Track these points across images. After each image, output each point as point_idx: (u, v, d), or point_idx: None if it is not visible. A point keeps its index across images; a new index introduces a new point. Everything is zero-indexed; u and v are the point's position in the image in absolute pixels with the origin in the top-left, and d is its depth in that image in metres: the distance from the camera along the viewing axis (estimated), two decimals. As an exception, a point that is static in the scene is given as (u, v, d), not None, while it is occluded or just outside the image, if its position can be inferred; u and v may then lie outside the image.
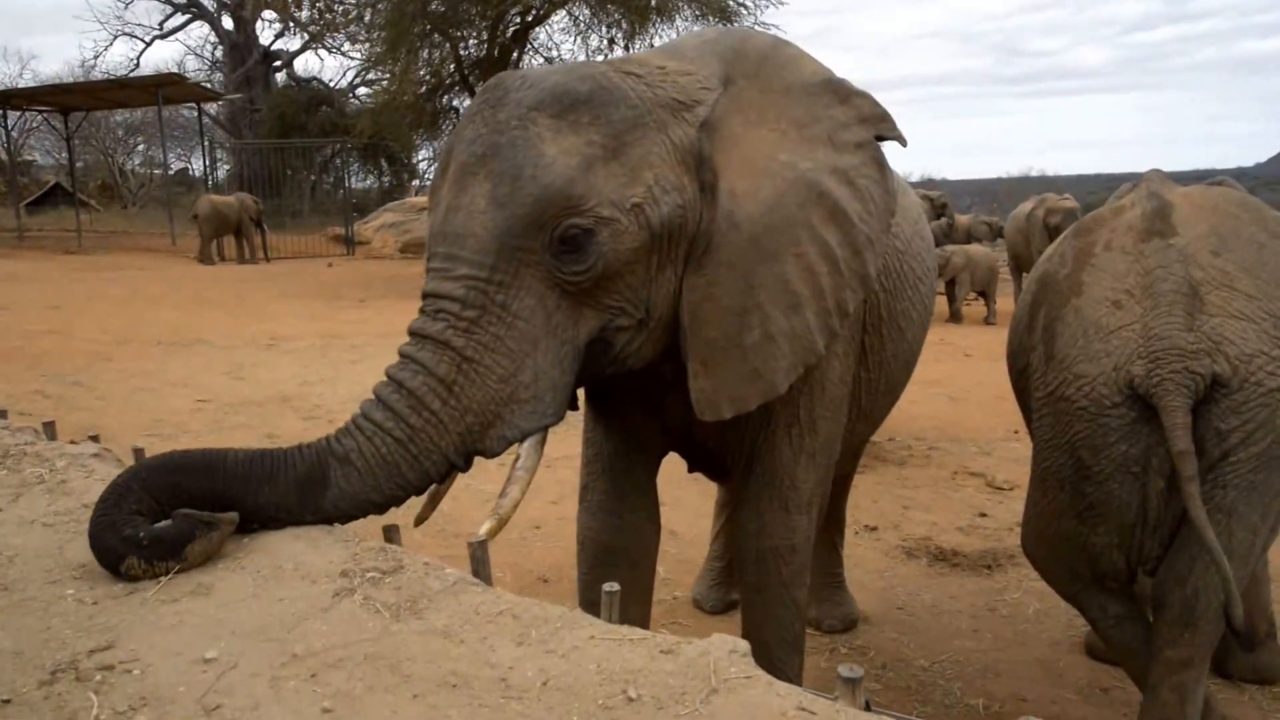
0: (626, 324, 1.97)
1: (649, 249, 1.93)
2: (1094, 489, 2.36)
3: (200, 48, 31.14)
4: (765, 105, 2.12)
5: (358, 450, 1.75)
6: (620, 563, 2.55)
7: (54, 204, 27.88)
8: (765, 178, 2.06)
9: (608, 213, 1.85)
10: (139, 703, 1.23)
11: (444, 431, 1.78)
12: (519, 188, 1.81)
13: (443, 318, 1.81)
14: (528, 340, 1.83)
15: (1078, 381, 2.33)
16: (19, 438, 2.34)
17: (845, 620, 3.66)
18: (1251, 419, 2.17)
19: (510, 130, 1.85)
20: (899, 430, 6.50)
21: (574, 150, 1.85)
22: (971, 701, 3.14)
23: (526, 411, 1.84)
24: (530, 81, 1.92)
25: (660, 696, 1.25)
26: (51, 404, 6.36)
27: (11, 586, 1.56)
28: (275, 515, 1.71)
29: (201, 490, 1.65)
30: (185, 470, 1.66)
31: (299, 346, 9.12)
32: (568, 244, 1.83)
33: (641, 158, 1.91)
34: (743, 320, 2.04)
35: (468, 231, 1.83)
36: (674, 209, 1.94)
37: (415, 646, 1.37)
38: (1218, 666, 3.14)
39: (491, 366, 1.81)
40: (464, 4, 15.02)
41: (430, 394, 1.77)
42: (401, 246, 20.35)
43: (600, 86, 1.92)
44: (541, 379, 1.85)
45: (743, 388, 2.08)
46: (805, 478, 2.45)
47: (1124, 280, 2.33)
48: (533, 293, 1.84)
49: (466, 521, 4.44)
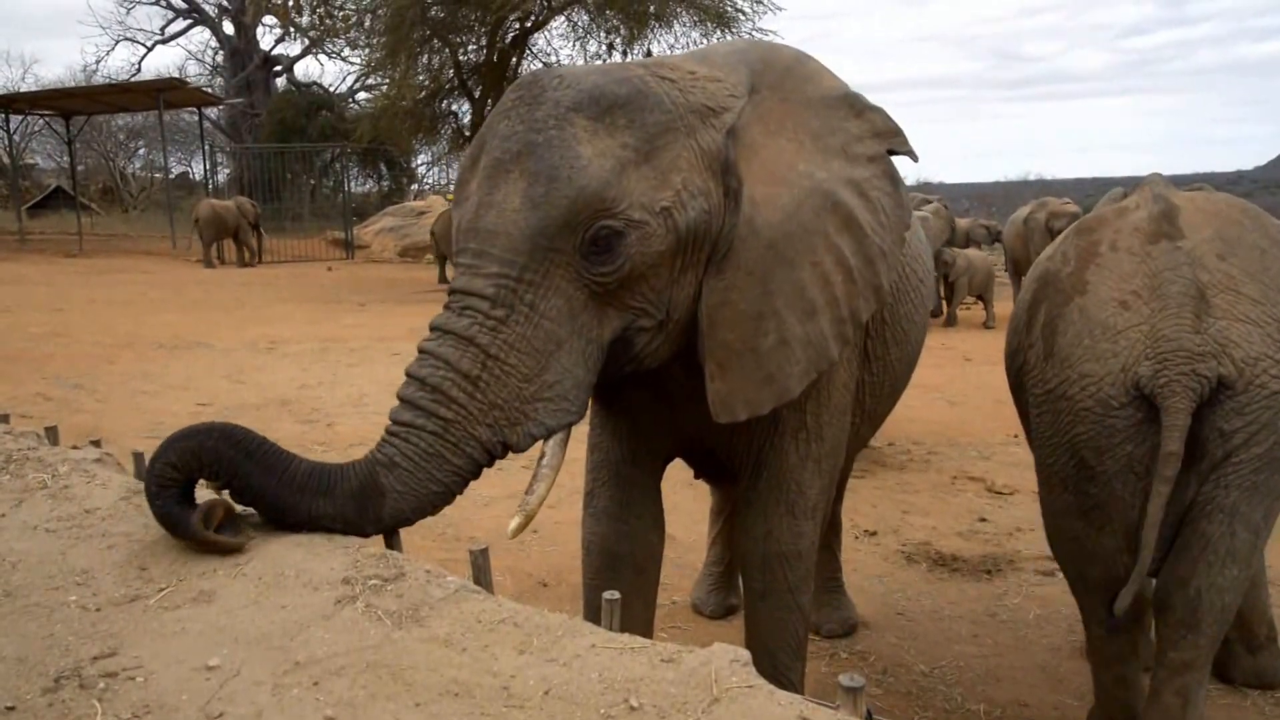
0: (648, 325, 1.99)
1: (674, 252, 1.95)
2: (1098, 489, 2.37)
3: (201, 53, 31.18)
4: (785, 115, 2.15)
5: (399, 453, 1.76)
6: (626, 569, 2.56)
7: (55, 207, 27.85)
8: (783, 186, 2.09)
9: (638, 215, 1.87)
10: (142, 710, 1.24)
11: (475, 422, 1.79)
12: (555, 188, 1.82)
13: (469, 314, 1.81)
14: (553, 340, 1.84)
15: (1082, 380, 2.33)
16: (22, 443, 2.34)
17: (845, 625, 3.66)
18: (1255, 420, 2.19)
19: (548, 129, 1.85)
20: (898, 435, 6.50)
21: (609, 153, 1.86)
22: (972, 707, 3.14)
23: (552, 409, 1.85)
24: (568, 81, 1.93)
25: (662, 706, 1.25)
26: (53, 407, 6.36)
27: (14, 592, 1.56)
28: (331, 527, 1.72)
29: (252, 482, 1.65)
30: (249, 457, 1.65)
31: (298, 350, 9.12)
32: (599, 245, 1.85)
33: (671, 162, 1.93)
34: (759, 325, 2.07)
35: (500, 229, 1.83)
36: (700, 213, 1.96)
37: (417, 654, 1.37)
38: (1219, 671, 3.14)
39: (516, 365, 1.81)
40: (463, 10, 15.06)
41: (454, 388, 1.78)
42: (401, 250, 20.37)
43: (637, 90, 1.93)
44: (566, 378, 1.86)
45: (757, 391, 2.10)
46: (812, 483, 2.46)
47: (1131, 281, 2.34)
48: (561, 293, 1.85)
49: (467, 526, 4.44)
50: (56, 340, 9.03)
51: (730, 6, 15.50)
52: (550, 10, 15.77)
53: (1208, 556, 2.26)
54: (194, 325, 10.33)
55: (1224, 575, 2.28)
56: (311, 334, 10.10)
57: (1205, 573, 2.28)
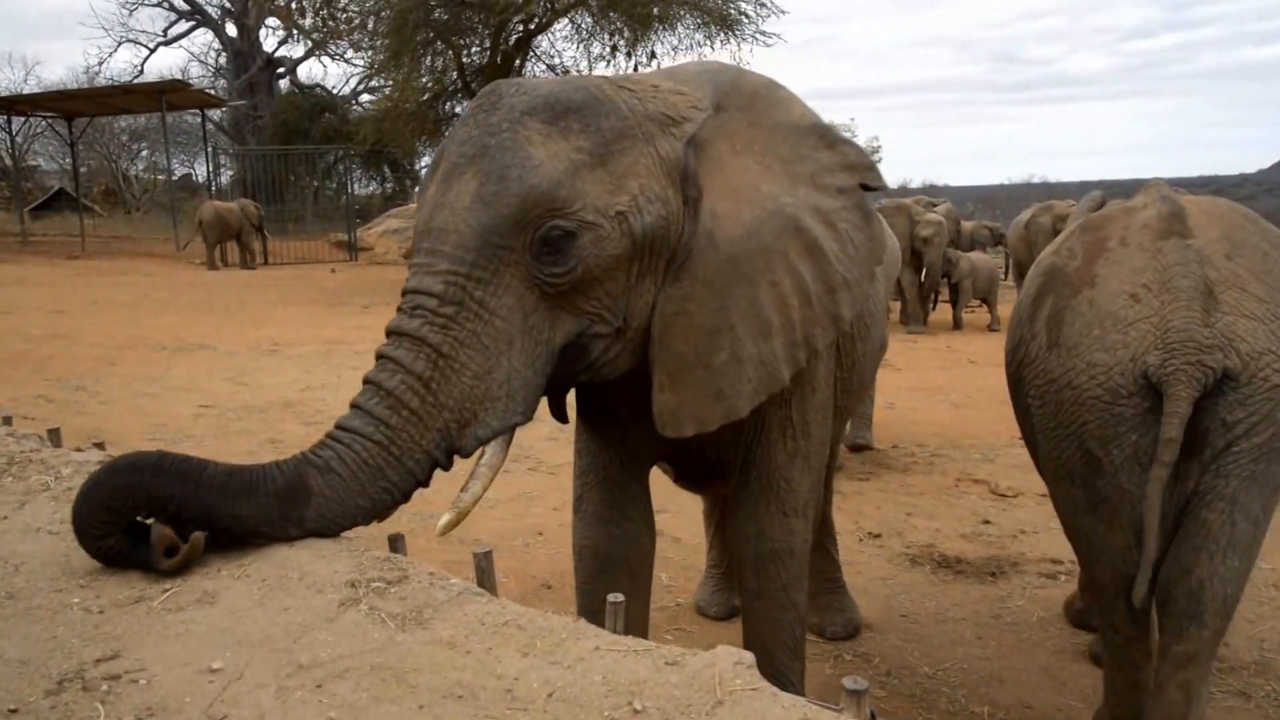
0: (604, 331, 1.98)
1: (630, 257, 1.95)
2: (1104, 482, 2.41)
3: (204, 54, 31.28)
4: (753, 138, 2.15)
5: (337, 458, 1.73)
6: (619, 571, 2.56)
7: (58, 209, 27.91)
8: (746, 204, 2.09)
9: (591, 217, 1.87)
10: (145, 713, 1.23)
11: (424, 429, 1.77)
12: (505, 186, 1.83)
13: (419, 314, 1.81)
14: (503, 339, 1.84)
15: (1091, 370, 2.39)
16: (24, 445, 2.34)
17: (848, 626, 3.66)
18: (1256, 412, 2.26)
19: (501, 132, 1.88)
20: (902, 437, 6.50)
21: (561, 155, 1.88)
22: (976, 709, 3.13)
23: (499, 410, 1.85)
24: (525, 89, 1.96)
25: (666, 708, 1.25)
26: (55, 408, 6.37)
27: (17, 594, 1.56)
28: (255, 529, 1.67)
29: (173, 496, 1.60)
30: (161, 473, 1.61)
31: (302, 352, 9.13)
32: (549, 245, 1.85)
33: (628, 167, 1.94)
34: (714, 339, 2.06)
35: (451, 228, 1.85)
36: (657, 219, 1.96)
37: (421, 657, 1.37)
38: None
39: (466, 363, 1.81)
40: (467, 12, 15.08)
41: (408, 391, 1.77)
42: (405, 252, 20.35)
43: (592, 97, 1.95)
44: (515, 378, 1.86)
45: (706, 408, 2.09)
46: (800, 480, 2.47)
47: (1142, 275, 2.40)
48: (512, 292, 1.85)
49: (471, 527, 4.44)
50: (58, 342, 9.04)
51: (734, 9, 15.52)
52: (554, 12, 15.78)
53: (1209, 546, 2.30)
54: (196, 327, 10.34)
55: (1225, 565, 2.31)
56: (315, 336, 10.11)
57: (1207, 562, 2.30)
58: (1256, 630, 3.63)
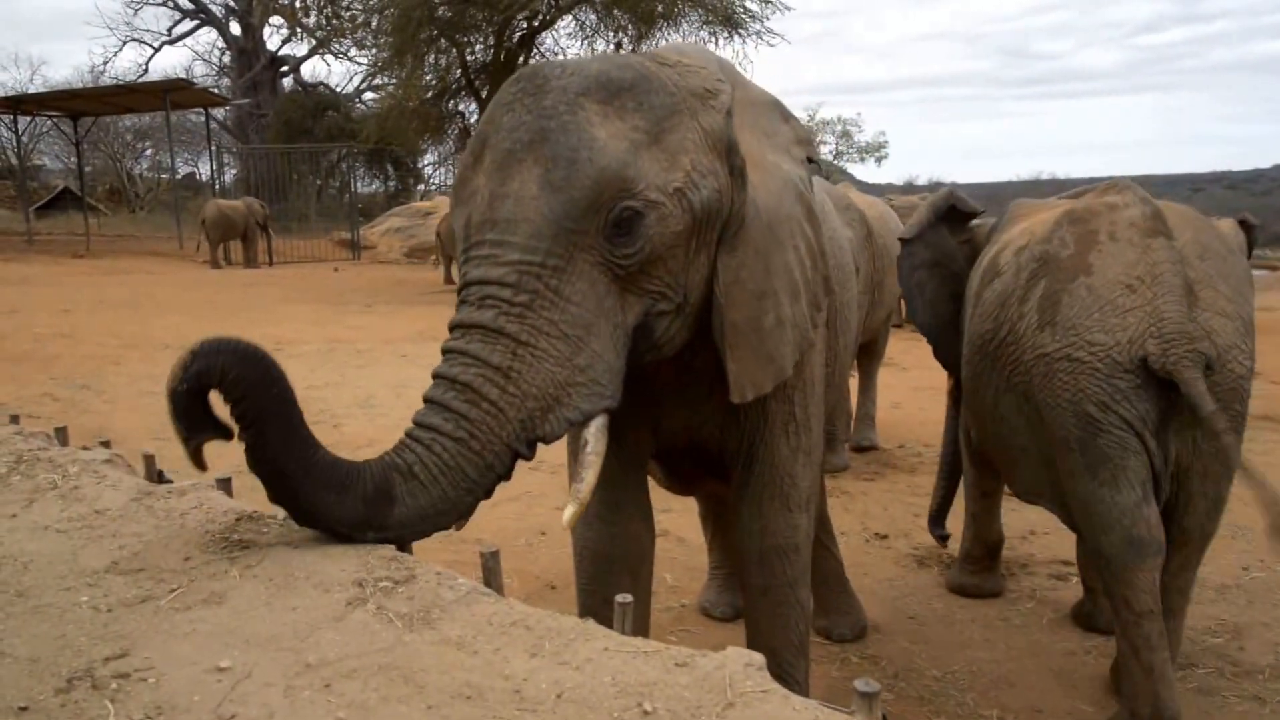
0: (667, 308, 1.98)
1: (690, 233, 1.96)
2: (1105, 439, 2.69)
3: (208, 53, 31.41)
4: (743, 112, 2.20)
5: (419, 462, 1.69)
6: (620, 571, 2.55)
7: (63, 208, 27.98)
8: (767, 173, 2.17)
9: (655, 196, 1.87)
10: (154, 711, 1.23)
11: (504, 420, 1.73)
12: (575, 170, 1.79)
13: (491, 304, 1.76)
14: (581, 324, 1.81)
15: (1090, 347, 2.70)
16: (32, 443, 2.34)
17: (855, 628, 3.64)
18: (1223, 398, 2.64)
19: (560, 115, 1.83)
20: (909, 438, 6.48)
21: (621, 135, 1.86)
22: (985, 713, 3.12)
23: (586, 393, 1.81)
24: (571, 69, 1.92)
25: (676, 710, 1.24)
26: (60, 407, 6.38)
27: (26, 593, 1.55)
28: (330, 527, 1.66)
29: (269, 444, 1.59)
30: (278, 429, 1.61)
31: (305, 351, 9.14)
32: (621, 226, 1.83)
33: (679, 143, 1.94)
34: (761, 304, 2.12)
35: (520, 217, 1.79)
36: (712, 193, 1.97)
37: (429, 657, 1.36)
38: (1087, 624, 3.68)
39: (548, 349, 1.77)
40: (470, 10, 15.08)
41: (487, 383, 1.72)
42: (407, 251, 20.40)
43: (641, 75, 1.95)
44: (598, 362, 1.83)
45: (760, 371, 2.15)
46: (803, 475, 2.48)
47: (1135, 269, 2.71)
48: (584, 277, 1.82)
49: (474, 527, 4.43)
50: (63, 341, 9.06)
51: (739, 6, 15.51)
52: (558, 10, 15.78)
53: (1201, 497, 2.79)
54: (200, 326, 10.35)
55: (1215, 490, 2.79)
56: (318, 335, 10.12)
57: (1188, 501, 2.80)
58: (1271, 635, 3.60)
